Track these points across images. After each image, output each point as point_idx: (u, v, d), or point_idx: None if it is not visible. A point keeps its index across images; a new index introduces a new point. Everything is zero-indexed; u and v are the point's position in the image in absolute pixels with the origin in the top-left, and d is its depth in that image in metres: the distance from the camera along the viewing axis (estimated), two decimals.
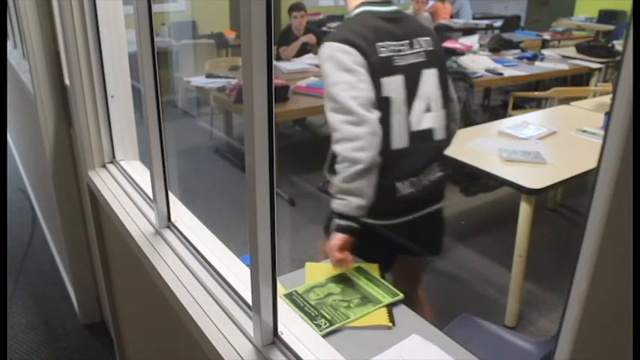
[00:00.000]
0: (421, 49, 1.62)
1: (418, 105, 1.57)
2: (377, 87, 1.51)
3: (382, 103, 1.52)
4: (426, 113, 1.59)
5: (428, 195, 1.67)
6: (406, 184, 1.60)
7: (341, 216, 1.47)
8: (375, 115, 1.47)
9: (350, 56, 1.49)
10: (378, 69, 1.52)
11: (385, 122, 1.51)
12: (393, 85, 1.53)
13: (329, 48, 1.53)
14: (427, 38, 1.65)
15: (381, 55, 1.53)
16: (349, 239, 1.44)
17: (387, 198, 1.56)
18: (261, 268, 0.85)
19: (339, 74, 1.49)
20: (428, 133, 1.61)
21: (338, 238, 1.43)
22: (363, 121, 1.45)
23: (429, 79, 1.61)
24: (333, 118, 1.47)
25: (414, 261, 1.87)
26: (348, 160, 1.44)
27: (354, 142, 1.45)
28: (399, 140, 1.55)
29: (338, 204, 1.47)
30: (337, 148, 1.46)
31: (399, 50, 1.57)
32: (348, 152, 1.44)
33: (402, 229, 1.66)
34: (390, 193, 1.57)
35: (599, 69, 4.94)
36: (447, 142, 1.70)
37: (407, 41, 1.60)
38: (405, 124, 1.56)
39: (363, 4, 1.63)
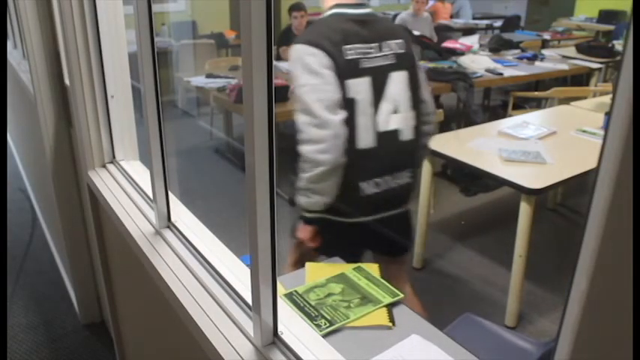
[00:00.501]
0: (390, 52, 1.65)
1: (385, 106, 1.61)
2: (342, 88, 1.55)
3: (347, 104, 1.56)
4: (393, 114, 1.63)
5: (393, 197, 1.71)
6: (371, 184, 1.64)
7: (306, 210, 1.62)
8: (339, 117, 1.52)
9: (316, 58, 1.53)
10: (344, 71, 1.55)
11: (350, 123, 1.56)
12: (359, 87, 1.57)
13: (297, 50, 1.58)
14: (398, 41, 1.68)
15: (348, 57, 1.57)
16: (315, 229, 1.64)
17: (351, 197, 1.62)
18: (261, 268, 0.85)
19: (306, 77, 1.54)
20: (394, 133, 1.65)
21: (306, 229, 1.61)
22: (326, 124, 1.50)
23: (398, 81, 1.64)
24: (299, 120, 1.53)
25: (389, 260, 1.88)
26: (311, 161, 1.52)
27: (318, 144, 1.51)
28: (365, 140, 1.59)
29: (304, 200, 1.60)
30: (302, 148, 1.53)
31: (367, 53, 1.60)
32: (312, 154, 1.51)
33: (366, 227, 1.70)
34: (354, 192, 1.62)
35: (599, 69, 4.94)
36: (416, 142, 1.73)
37: (376, 44, 1.63)
38: (371, 125, 1.60)
39: (336, 5, 1.67)
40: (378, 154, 1.63)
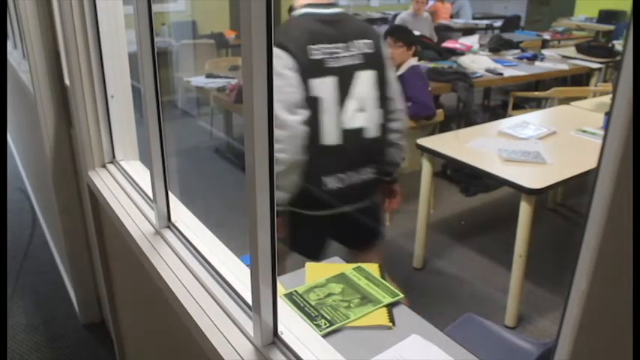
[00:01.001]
0: (358, 52, 1.69)
1: (351, 105, 1.66)
2: (306, 88, 1.60)
3: (312, 103, 1.61)
4: (359, 113, 1.68)
5: (357, 192, 1.77)
6: (334, 179, 1.71)
7: None
8: (298, 118, 1.58)
9: (280, 60, 1.58)
10: (309, 70, 1.59)
11: (315, 120, 1.62)
12: (324, 86, 1.62)
13: None
14: (367, 41, 1.72)
15: (313, 57, 1.61)
16: (280, 220, 1.61)
17: (315, 190, 1.68)
18: (261, 268, 0.85)
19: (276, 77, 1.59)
20: (359, 131, 1.70)
21: None
22: (284, 125, 1.56)
23: (364, 80, 1.69)
24: None
25: (359, 253, 1.96)
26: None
27: (276, 144, 1.54)
28: (330, 137, 1.66)
29: None
30: None
31: (333, 52, 1.65)
32: None
33: (329, 220, 1.77)
34: (318, 186, 1.69)
35: (599, 69, 4.94)
36: (383, 139, 1.79)
37: (343, 44, 1.67)
38: (335, 123, 1.66)
39: (307, 5, 1.72)
40: (342, 151, 1.69)
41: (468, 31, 7.00)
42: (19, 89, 2.90)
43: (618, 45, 5.35)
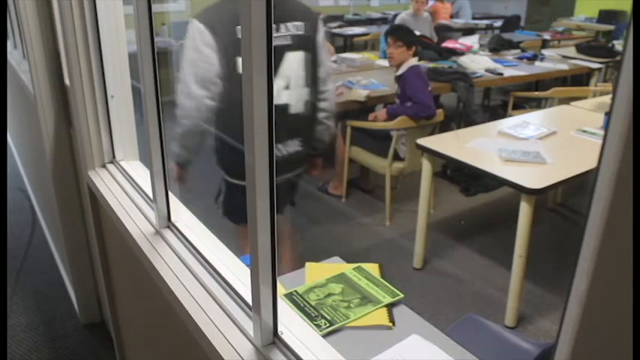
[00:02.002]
0: (288, 33, 1.81)
1: (278, 82, 1.80)
2: (233, 65, 1.73)
3: (240, 80, 1.72)
4: (285, 90, 1.82)
5: (284, 163, 1.93)
6: None
7: (177, 154, 1.94)
8: (205, 93, 1.77)
9: (202, 37, 1.73)
10: (235, 49, 1.71)
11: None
12: None
13: (191, 25, 1.77)
14: (299, 23, 1.84)
15: (240, 36, 1.74)
16: (180, 168, 1.98)
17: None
18: (261, 268, 0.85)
19: (189, 51, 1.75)
20: (284, 107, 1.84)
21: (176, 166, 1.97)
22: (192, 96, 1.76)
23: (293, 60, 1.81)
24: (178, 86, 1.79)
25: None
26: (177, 121, 1.82)
27: (181, 110, 1.80)
28: None
29: (174, 145, 1.90)
30: (176, 109, 1.82)
31: None
32: (178, 117, 1.82)
33: None
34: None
35: (599, 69, 4.94)
36: (309, 116, 1.94)
37: (274, 25, 1.81)
38: None
39: None
40: None
41: (467, 31, 7.00)
42: (19, 89, 2.90)
43: (618, 45, 5.35)
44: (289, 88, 1.81)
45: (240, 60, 1.77)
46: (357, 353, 1.03)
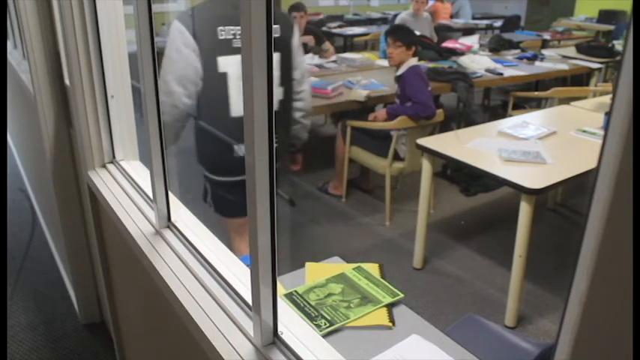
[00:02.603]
0: None
1: None
2: (213, 65, 1.82)
3: (220, 78, 1.83)
4: None
5: None
6: (242, 147, 1.91)
7: None
8: (183, 91, 1.83)
9: (182, 37, 1.80)
10: (215, 49, 1.81)
11: (224, 93, 1.85)
12: (230, 63, 1.84)
13: (173, 25, 1.84)
14: (276, 27, 2.12)
15: (220, 37, 1.82)
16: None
17: (228, 157, 1.94)
18: (261, 268, 0.85)
19: (170, 50, 1.81)
20: None
21: None
22: (170, 93, 1.81)
23: None
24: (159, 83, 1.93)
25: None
26: None
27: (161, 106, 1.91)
28: (237, 109, 1.88)
29: None
30: None
31: (239, 34, 2.03)
32: None
33: (242, 184, 2.03)
34: (230, 154, 1.94)
35: (599, 69, 4.94)
36: (285, 114, 2.05)
37: None
38: (241, 96, 2.03)
39: None
40: None
41: (468, 31, 7.00)
42: (19, 89, 2.90)
43: (618, 45, 5.35)
44: None
45: (220, 60, 1.80)
46: (357, 353, 1.03)
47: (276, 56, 1.91)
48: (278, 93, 1.96)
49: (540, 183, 2.27)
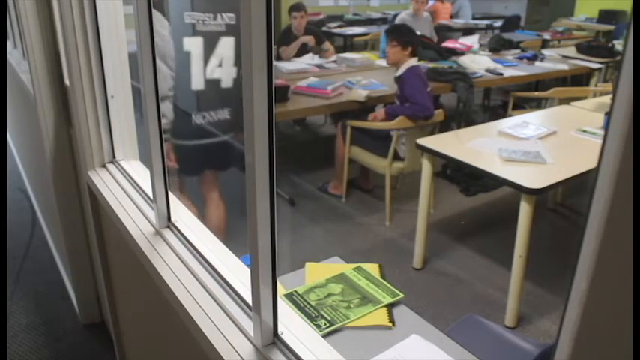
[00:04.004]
0: (223, 22, 2.19)
1: (213, 61, 2.19)
2: (180, 44, 2.13)
3: (185, 56, 2.13)
4: (218, 67, 2.21)
5: (216, 128, 2.33)
6: (199, 116, 2.25)
7: None
8: (164, 67, 2.11)
9: (159, 21, 2.10)
10: (183, 31, 2.10)
11: (187, 69, 2.15)
12: (193, 43, 2.14)
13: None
14: (232, 15, 2.21)
15: (186, 21, 2.11)
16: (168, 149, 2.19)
17: (187, 124, 2.23)
18: (261, 268, 0.85)
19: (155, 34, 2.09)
20: (217, 81, 2.24)
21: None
22: (159, 70, 2.02)
23: (225, 43, 2.20)
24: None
25: (211, 174, 2.57)
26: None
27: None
28: (197, 84, 2.19)
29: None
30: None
31: (204, 20, 2.17)
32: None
33: (200, 149, 2.37)
34: (189, 121, 2.22)
35: (599, 69, 4.94)
36: (235, 91, 2.30)
37: (211, 14, 2.18)
38: (201, 73, 2.19)
39: None
40: (205, 95, 2.25)
41: (468, 31, 7.00)
42: (19, 89, 2.90)
43: (618, 45, 5.35)
44: (221, 66, 2.21)
45: (185, 40, 2.15)
46: (357, 353, 1.03)
47: (230, 40, 2.20)
48: (232, 72, 2.27)
49: (540, 183, 2.27)
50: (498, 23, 7.92)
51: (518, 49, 5.42)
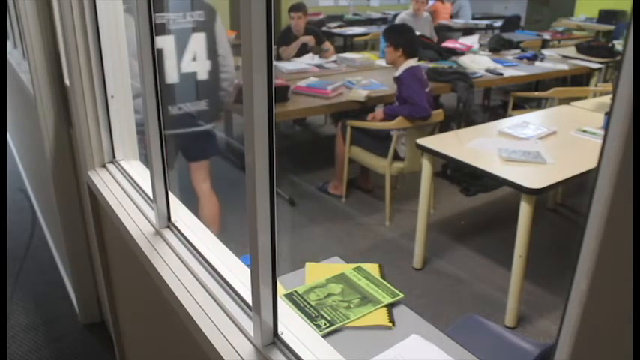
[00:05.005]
0: (192, 19, 2.35)
1: (187, 56, 2.33)
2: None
3: (158, 53, 2.25)
4: (192, 62, 2.35)
5: (193, 118, 2.46)
6: (175, 108, 2.37)
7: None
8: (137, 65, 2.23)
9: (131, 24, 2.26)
10: (155, 30, 2.16)
11: (161, 64, 2.23)
12: (165, 41, 2.27)
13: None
14: (200, 12, 2.37)
15: (157, 21, 2.17)
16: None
17: (164, 115, 2.29)
18: (261, 268, 0.85)
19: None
20: (192, 74, 2.38)
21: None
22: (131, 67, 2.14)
23: (197, 39, 2.36)
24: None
25: (195, 164, 2.64)
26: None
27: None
28: (171, 77, 2.31)
29: None
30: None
31: (174, 19, 2.31)
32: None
33: (177, 138, 2.48)
34: (165, 113, 2.46)
35: (599, 69, 4.94)
36: (212, 83, 2.46)
37: (181, 13, 2.32)
38: (175, 67, 2.33)
39: None
40: (180, 87, 2.38)
41: (468, 31, 7.00)
42: (19, 89, 2.90)
43: (618, 45, 5.35)
44: (195, 60, 2.34)
45: (158, 38, 2.08)
46: (357, 353, 1.03)
47: (201, 36, 2.35)
48: (206, 65, 2.41)
49: (540, 183, 2.27)
50: (498, 23, 7.92)
51: (518, 49, 5.42)
